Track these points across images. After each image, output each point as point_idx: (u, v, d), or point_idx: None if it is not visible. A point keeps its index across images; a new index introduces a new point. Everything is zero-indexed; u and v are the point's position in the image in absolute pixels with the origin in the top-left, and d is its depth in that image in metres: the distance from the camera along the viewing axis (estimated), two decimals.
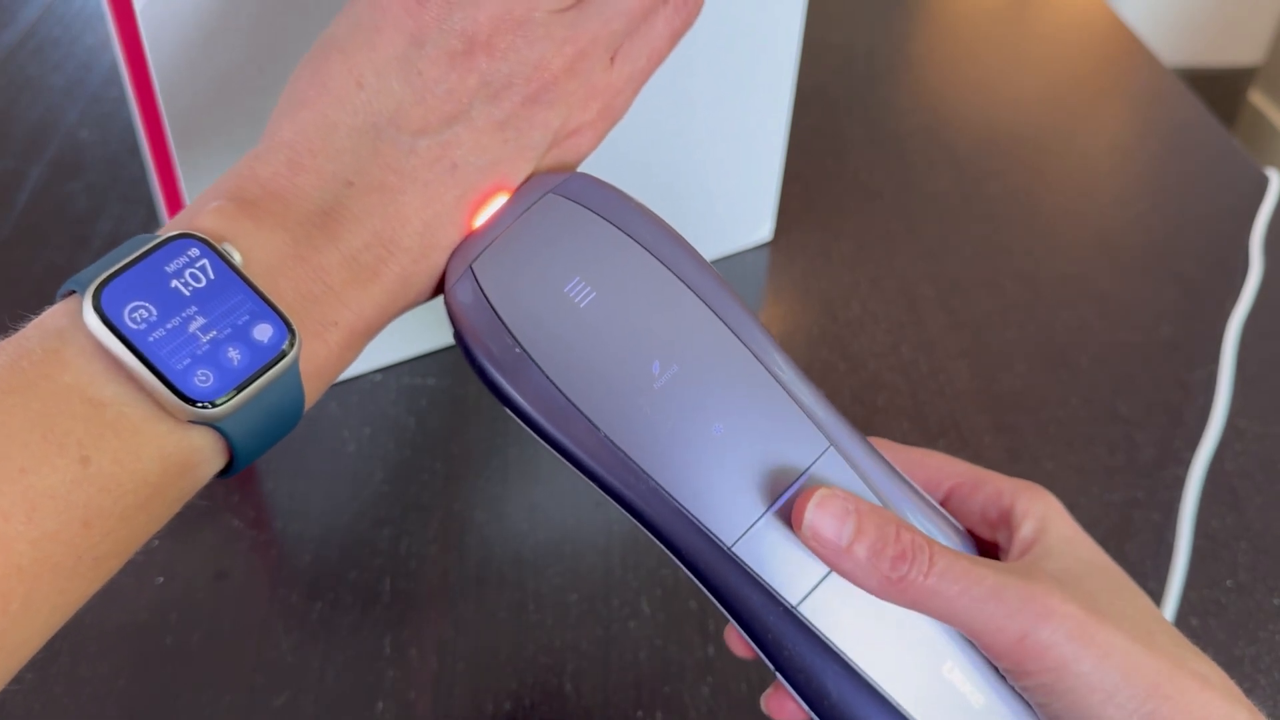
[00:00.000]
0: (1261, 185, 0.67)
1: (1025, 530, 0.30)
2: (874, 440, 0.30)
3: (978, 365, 0.55)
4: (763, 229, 0.61)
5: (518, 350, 0.27)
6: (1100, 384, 0.54)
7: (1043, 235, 0.64)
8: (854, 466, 0.28)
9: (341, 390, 0.52)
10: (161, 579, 0.44)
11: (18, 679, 0.41)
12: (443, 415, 0.51)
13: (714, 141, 0.55)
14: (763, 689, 0.41)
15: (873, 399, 0.53)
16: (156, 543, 0.45)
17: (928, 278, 0.60)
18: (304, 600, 0.43)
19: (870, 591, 0.27)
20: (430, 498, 0.47)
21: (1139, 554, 0.46)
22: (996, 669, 0.28)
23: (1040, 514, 0.30)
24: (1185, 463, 0.50)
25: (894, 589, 0.27)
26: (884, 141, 0.71)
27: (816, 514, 0.27)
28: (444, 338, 0.54)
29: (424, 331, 0.53)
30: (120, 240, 0.60)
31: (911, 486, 0.30)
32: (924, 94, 0.77)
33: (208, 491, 0.47)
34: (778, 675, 0.29)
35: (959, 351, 0.56)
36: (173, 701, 0.40)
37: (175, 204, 0.48)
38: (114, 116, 0.69)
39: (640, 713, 0.40)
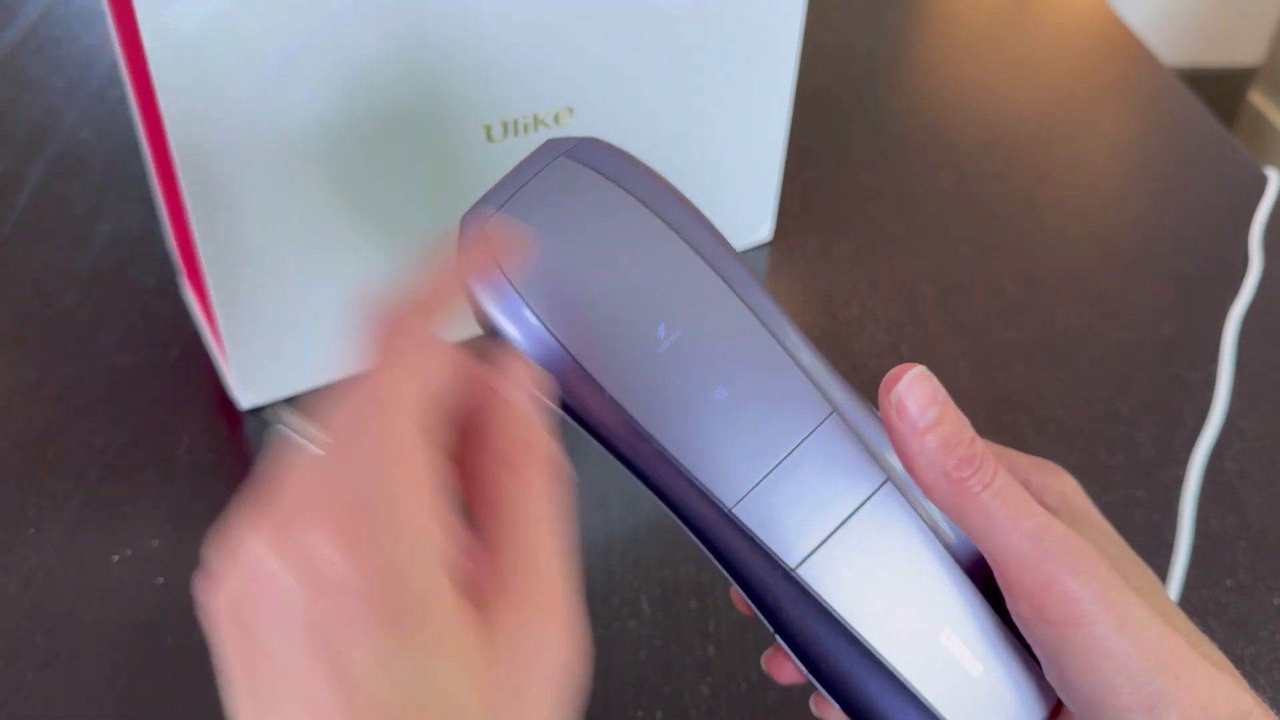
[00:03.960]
0: (1261, 185, 0.67)
1: (1048, 502, 0.29)
2: None
3: (978, 365, 0.55)
4: (763, 229, 0.61)
5: (527, 312, 0.27)
6: (1100, 384, 0.54)
7: (1043, 235, 0.64)
8: (857, 433, 0.28)
9: None
10: (161, 579, 0.44)
11: (18, 680, 0.41)
12: None
13: (714, 142, 0.55)
14: (763, 689, 0.41)
15: (873, 399, 0.53)
16: (156, 543, 0.45)
17: (928, 278, 0.60)
18: None
19: (926, 487, 0.27)
20: None
21: (1139, 553, 0.46)
22: (997, 638, 0.28)
23: (1060, 489, 0.30)
24: (1185, 462, 0.50)
25: (950, 489, 0.26)
26: (884, 142, 0.71)
27: (909, 388, 0.26)
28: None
29: None
30: (120, 241, 0.60)
31: None
32: (924, 94, 0.77)
33: (208, 492, 0.47)
34: (776, 637, 0.29)
35: (959, 351, 0.56)
36: (173, 702, 0.40)
37: (175, 204, 0.48)
38: (114, 116, 0.69)
39: (640, 713, 0.40)
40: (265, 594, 0.20)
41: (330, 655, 0.19)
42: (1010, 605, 0.27)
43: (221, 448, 0.49)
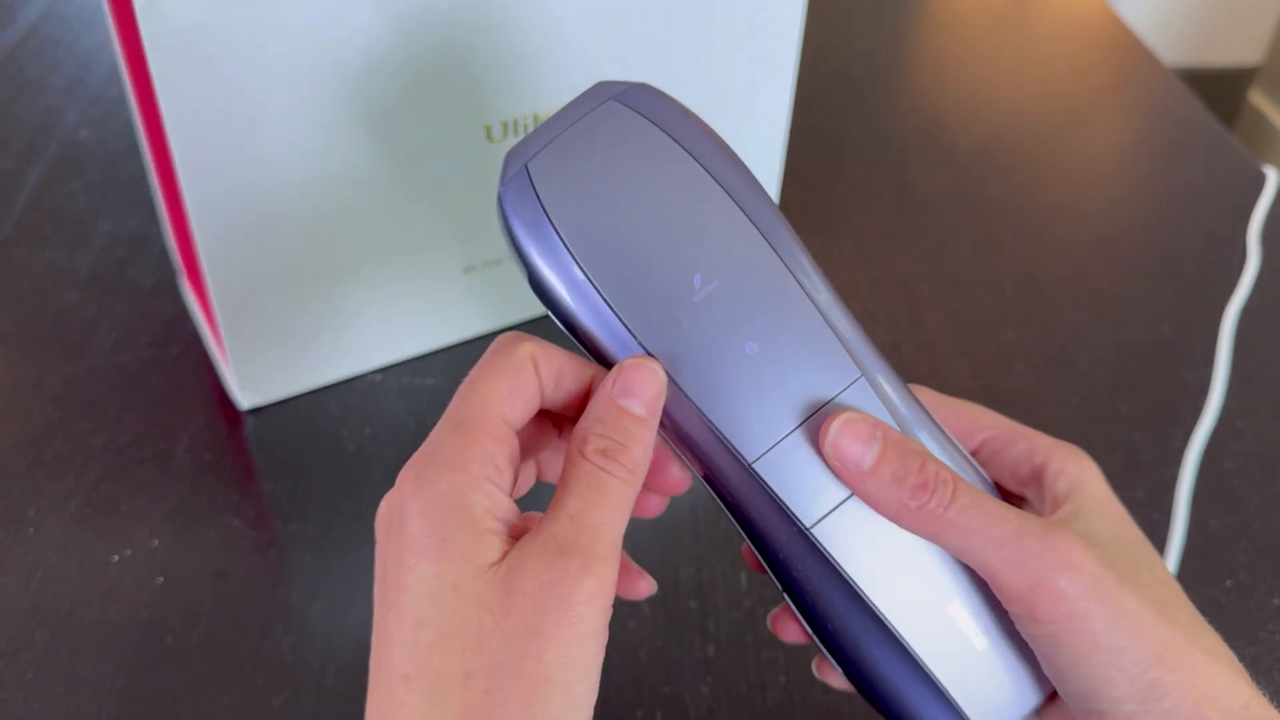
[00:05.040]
0: (1259, 184, 0.67)
1: (1059, 487, 0.30)
2: (913, 386, 0.30)
3: (978, 365, 0.55)
4: None
5: (564, 251, 0.27)
6: (1100, 384, 0.54)
7: (1043, 235, 0.64)
8: (883, 400, 0.28)
9: (341, 390, 0.52)
10: (161, 579, 0.44)
11: (18, 680, 0.41)
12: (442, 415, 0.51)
13: None
14: (763, 689, 0.41)
15: None
16: (156, 543, 0.45)
17: (928, 278, 0.60)
18: (304, 600, 0.43)
19: (889, 517, 0.27)
20: None
21: None
22: (1004, 615, 0.28)
23: (1075, 474, 0.30)
24: (1184, 462, 0.50)
25: (913, 517, 0.27)
26: (884, 142, 0.71)
27: (841, 433, 0.27)
28: (444, 338, 0.54)
29: (424, 331, 0.53)
30: (120, 241, 0.60)
31: (941, 430, 0.30)
32: (924, 94, 0.77)
33: (208, 492, 0.47)
34: (784, 596, 0.29)
35: (959, 351, 0.56)
36: (173, 701, 0.40)
37: (175, 204, 0.48)
38: (114, 116, 0.69)
39: (640, 713, 0.40)
40: (381, 516, 0.27)
41: (397, 570, 0.25)
42: (1006, 608, 0.27)
43: (221, 447, 0.49)
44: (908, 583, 0.28)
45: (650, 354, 0.27)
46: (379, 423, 0.50)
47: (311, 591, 0.44)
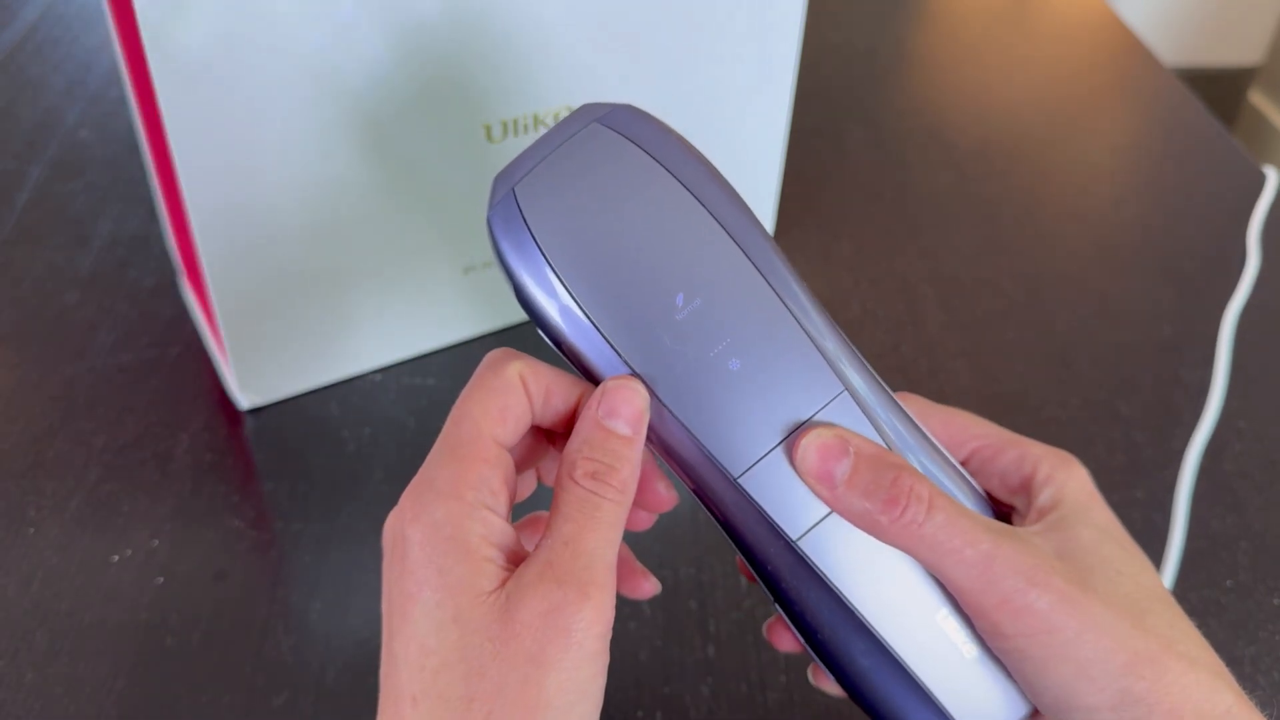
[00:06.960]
0: (1259, 184, 0.67)
1: (1043, 498, 0.30)
2: (903, 395, 0.31)
3: (977, 365, 0.55)
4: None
5: (550, 274, 0.28)
6: (1100, 384, 0.54)
7: (1042, 235, 0.64)
8: (867, 414, 0.28)
9: (341, 390, 0.52)
10: (161, 579, 0.44)
11: (18, 680, 0.41)
12: (442, 415, 0.51)
13: (713, 142, 0.55)
14: (763, 689, 0.41)
15: None
16: (156, 543, 0.45)
17: (928, 278, 0.60)
18: (304, 600, 0.43)
19: (865, 531, 0.28)
20: None
21: None
22: None
23: (1061, 483, 0.30)
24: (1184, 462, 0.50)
25: (887, 531, 0.27)
26: (884, 141, 0.72)
27: (811, 449, 0.28)
28: (444, 338, 0.54)
29: (424, 331, 0.53)
30: (120, 241, 0.60)
31: (929, 441, 0.30)
32: (924, 94, 0.77)
33: (208, 492, 0.47)
34: (775, 606, 0.29)
35: (959, 351, 0.56)
36: (173, 702, 0.40)
37: (175, 204, 0.48)
38: (114, 116, 0.69)
39: (640, 713, 0.40)
40: (386, 537, 0.27)
41: (402, 597, 0.26)
42: (973, 622, 0.28)
43: (221, 448, 0.49)
44: (895, 593, 0.28)
45: (635, 372, 0.28)
46: (379, 423, 0.50)
47: (311, 591, 0.44)
